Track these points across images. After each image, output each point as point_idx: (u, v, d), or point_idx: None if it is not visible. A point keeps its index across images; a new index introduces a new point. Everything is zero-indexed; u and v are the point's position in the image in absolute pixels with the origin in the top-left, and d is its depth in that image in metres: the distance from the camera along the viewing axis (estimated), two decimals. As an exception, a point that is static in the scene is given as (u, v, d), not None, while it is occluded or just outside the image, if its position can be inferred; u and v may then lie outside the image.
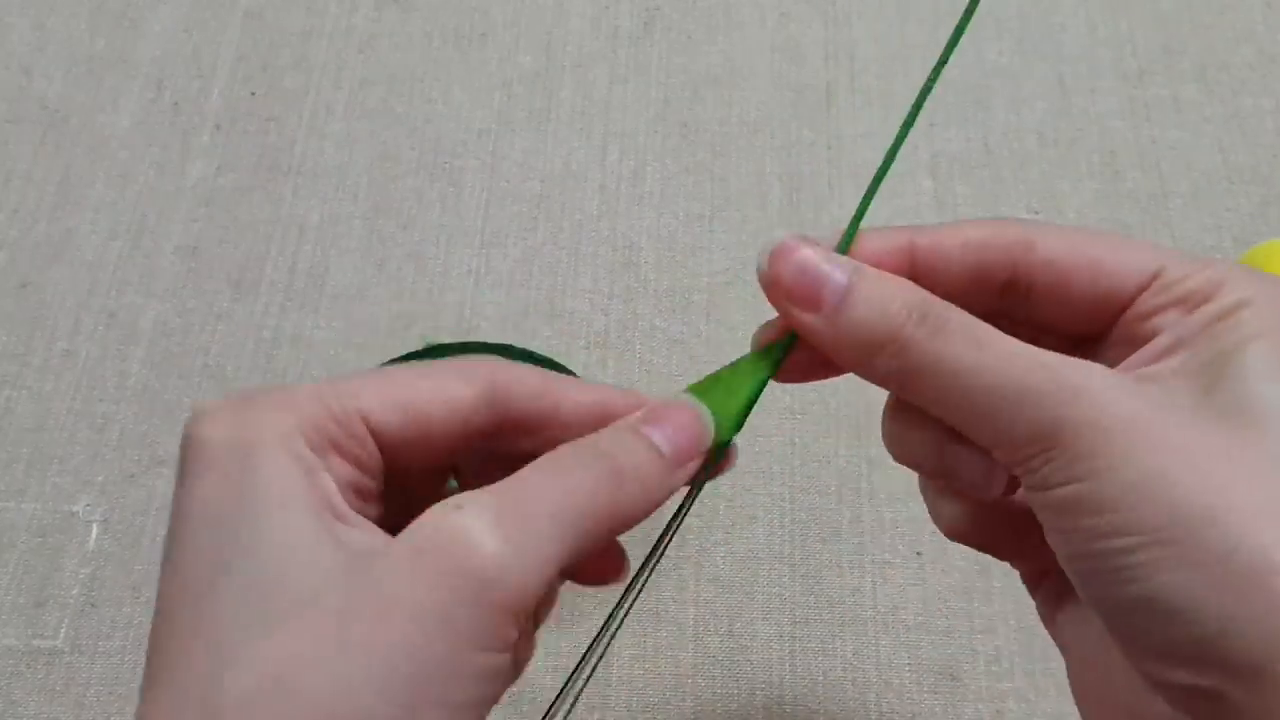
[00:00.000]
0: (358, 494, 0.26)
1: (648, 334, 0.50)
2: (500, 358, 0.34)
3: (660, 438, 0.27)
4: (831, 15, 0.59)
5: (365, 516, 0.25)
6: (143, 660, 0.45)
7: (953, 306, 0.26)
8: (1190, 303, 0.25)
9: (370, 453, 0.26)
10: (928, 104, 0.28)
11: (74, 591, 0.44)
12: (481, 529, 0.23)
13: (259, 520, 0.23)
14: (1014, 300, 0.28)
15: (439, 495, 0.27)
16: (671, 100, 0.57)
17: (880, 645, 0.42)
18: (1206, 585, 0.22)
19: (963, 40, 0.27)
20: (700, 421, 0.28)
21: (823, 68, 0.58)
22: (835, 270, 0.26)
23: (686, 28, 0.59)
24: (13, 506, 0.46)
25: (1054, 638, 0.29)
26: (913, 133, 0.55)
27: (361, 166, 0.55)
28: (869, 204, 0.28)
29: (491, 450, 0.28)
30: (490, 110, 0.57)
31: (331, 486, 0.25)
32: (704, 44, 0.59)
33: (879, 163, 0.28)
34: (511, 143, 0.56)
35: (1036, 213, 0.52)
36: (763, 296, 0.27)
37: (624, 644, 0.43)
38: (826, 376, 0.29)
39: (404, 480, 0.28)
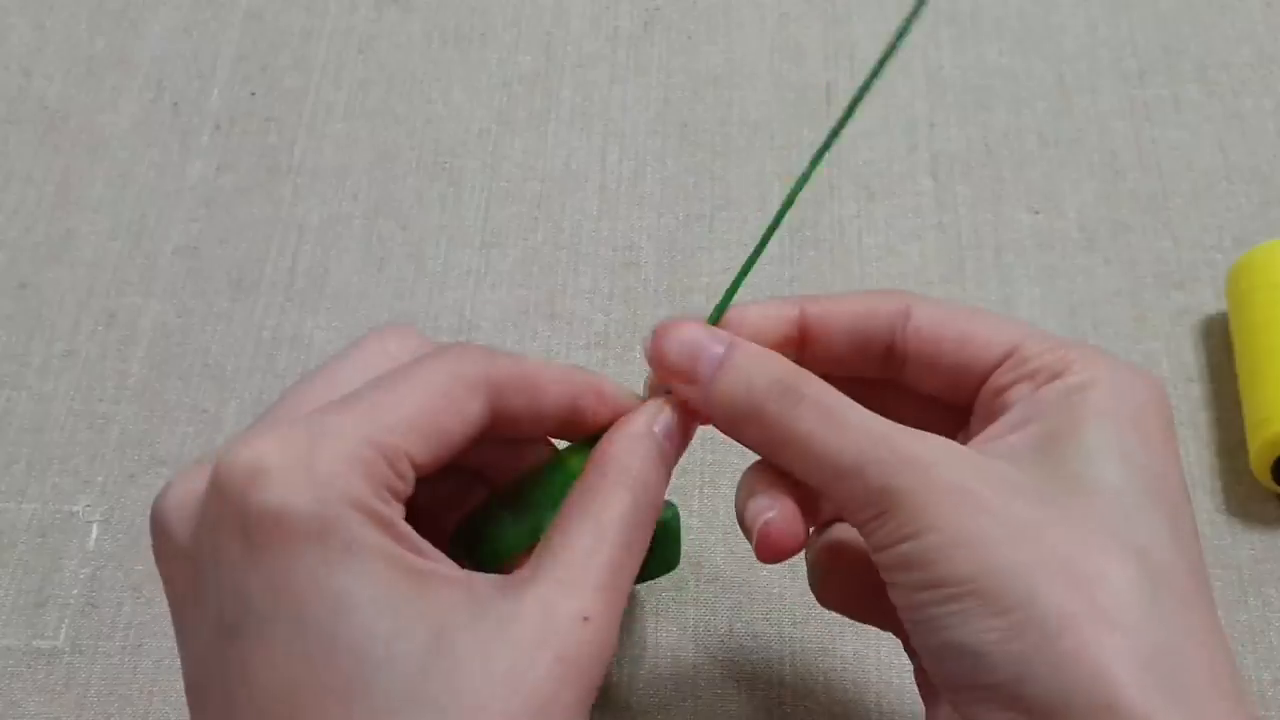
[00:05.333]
0: None
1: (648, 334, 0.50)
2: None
3: (665, 436, 0.29)
4: (831, 15, 0.59)
5: None
6: (143, 660, 0.45)
7: (812, 378, 0.28)
8: (1039, 378, 0.28)
9: (410, 484, 0.26)
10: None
11: (74, 591, 0.44)
12: (570, 621, 0.25)
13: (349, 613, 0.23)
14: (894, 368, 0.31)
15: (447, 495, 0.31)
16: (671, 100, 0.57)
17: (880, 645, 0.42)
18: (1007, 634, 0.24)
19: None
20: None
21: (823, 68, 0.58)
22: (713, 344, 0.29)
23: (686, 28, 0.59)
24: (13, 506, 0.46)
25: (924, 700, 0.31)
26: (913, 133, 0.56)
27: (361, 166, 0.55)
28: (744, 279, 0.30)
29: (486, 438, 0.29)
30: (490, 110, 0.57)
31: (409, 531, 0.25)
32: (704, 44, 0.59)
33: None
34: (511, 143, 0.56)
35: (1037, 213, 0.52)
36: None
37: (624, 645, 0.43)
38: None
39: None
